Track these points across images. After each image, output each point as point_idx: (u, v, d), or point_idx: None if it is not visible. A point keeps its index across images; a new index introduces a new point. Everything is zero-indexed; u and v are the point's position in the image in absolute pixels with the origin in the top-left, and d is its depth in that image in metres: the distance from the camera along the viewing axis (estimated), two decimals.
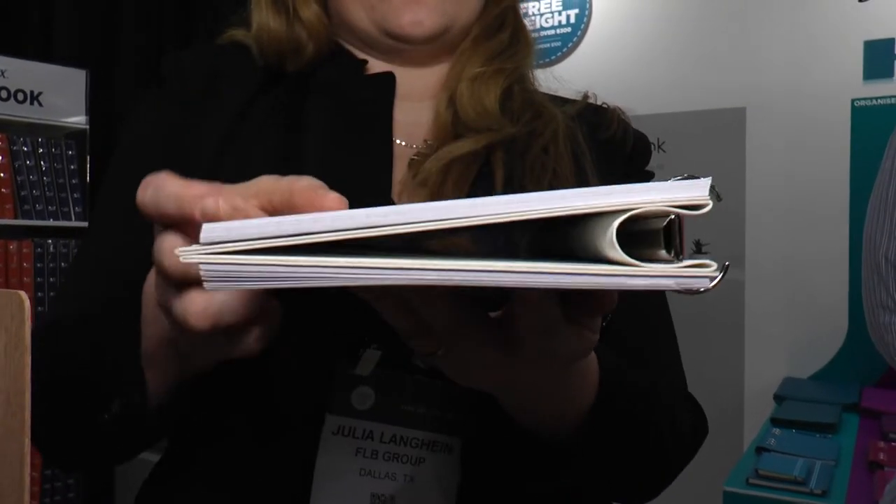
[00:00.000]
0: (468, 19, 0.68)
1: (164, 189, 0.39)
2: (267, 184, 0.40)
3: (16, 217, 1.65)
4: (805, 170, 2.33)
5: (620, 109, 0.71)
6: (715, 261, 0.29)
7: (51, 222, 1.70)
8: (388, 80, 0.67)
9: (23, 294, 0.42)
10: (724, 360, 2.49)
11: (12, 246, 1.64)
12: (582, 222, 0.31)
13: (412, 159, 0.64)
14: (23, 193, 1.66)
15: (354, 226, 0.29)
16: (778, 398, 2.17)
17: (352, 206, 0.62)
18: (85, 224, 1.74)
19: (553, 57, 2.67)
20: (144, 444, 0.59)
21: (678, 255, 0.30)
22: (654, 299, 0.69)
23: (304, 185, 0.39)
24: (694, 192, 0.28)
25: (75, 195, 1.74)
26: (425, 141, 0.66)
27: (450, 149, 0.62)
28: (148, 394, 0.50)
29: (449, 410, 0.56)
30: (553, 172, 0.63)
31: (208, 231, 0.31)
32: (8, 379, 0.43)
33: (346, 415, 0.54)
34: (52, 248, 1.70)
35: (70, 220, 1.74)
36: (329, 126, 0.64)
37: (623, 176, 0.69)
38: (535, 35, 0.74)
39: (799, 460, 1.60)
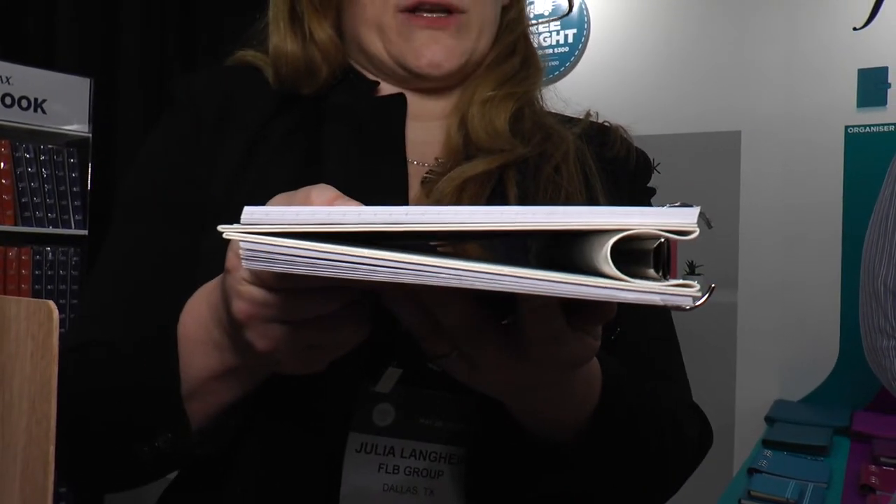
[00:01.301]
0: (483, 52, 0.69)
1: None
2: (280, 202, 0.43)
3: (16, 224, 1.65)
4: (799, 194, 2.35)
5: (622, 128, 0.73)
6: (701, 282, 0.33)
7: (50, 230, 1.70)
8: (400, 101, 0.68)
9: (51, 304, 0.43)
10: (715, 381, 2.50)
11: (11, 253, 1.64)
12: (584, 237, 0.34)
13: (425, 177, 0.65)
14: (23, 200, 1.66)
15: (379, 220, 0.33)
16: (769, 420, 2.18)
17: None
18: (85, 232, 1.74)
19: (551, 76, 2.69)
20: (179, 467, 0.60)
21: (665, 275, 0.33)
22: (664, 315, 0.71)
23: (321, 201, 0.41)
24: (683, 218, 0.32)
25: (76, 203, 1.74)
26: (436, 159, 0.67)
27: (463, 169, 0.63)
28: (190, 426, 0.51)
29: (465, 423, 0.57)
30: (565, 192, 0.64)
31: (249, 213, 0.35)
32: (34, 386, 0.43)
33: (368, 432, 0.55)
34: (51, 256, 1.69)
35: (70, 227, 1.74)
36: (345, 151, 0.65)
37: (628, 193, 0.70)
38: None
39: (791, 482, 1.60)
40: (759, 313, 2.45)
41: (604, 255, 0.32)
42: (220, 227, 0.34)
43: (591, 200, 0.65)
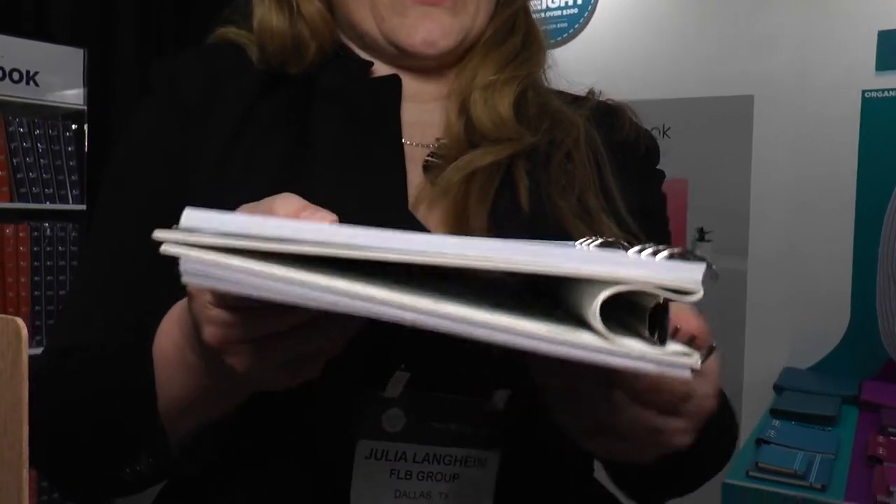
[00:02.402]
0: (480, 28, 0.66)
1: None
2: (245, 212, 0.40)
3: (12, 200, 1.63)
4: (812, 160, 2.31)
5: (629, 108, 0.71)
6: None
7: (48, 205, 1.68)
8: (394, 82, 0.65)
9: (20, 321, 0.40)
10: (723, 349, 2.47)
11: (9, 230, 1.62)
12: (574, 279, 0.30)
13: (427, 160, 0.63)
14: (19, 176, 1.64)
15: (337, 242, 0.28)
16: (777, 388, 2.17)
17: (367, 217, 0.61)
18: (83, 207, 1.72)
19: (559, 38, 2.63)
20: (166, 479, 0.59)
21: (662, 340, 0.29)
22: None
23: (285, 214, 0.37)
24: (686, 275, 0.28)
25: (73, 178, 1.72)
26: (437, 140, 0.64)
27: (470, 158, 0.60)
28: (172, 446, 0.50)
29: (482, 426, 0.55)
30: (578, 183, 0.62)
31: (188, 217, 0.30)
32: (5, 408, 0.41)
33: (378, 438, 0.53)
34: (48, 232, 1.67)
35: (68, 203, 1.72)
36: (336, 133, 0.62)
37: (638, 179, 0.68)
38: (540, 16, 0.71)
39: (799, 453, 1.60)
40: (768, 281, 2.43)
41: (593, 311, 0.28)
42: (156, 234, 0.30)
43: (604, 191, 0.63)
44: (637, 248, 0.35)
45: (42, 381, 0.58)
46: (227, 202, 0.57)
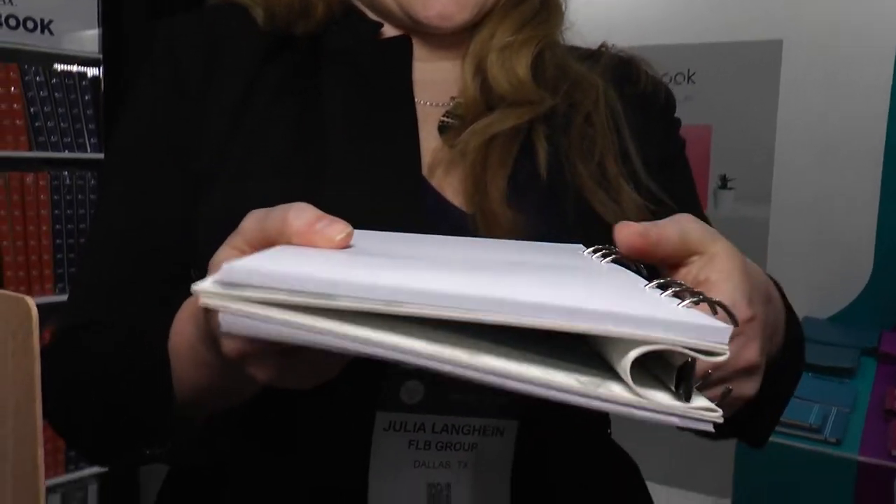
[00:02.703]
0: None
1: None
2: (253, 230, 0.39)
3: (31, 149, 1.63)
4: (841, 108, 2.25)
5: (643, 59, 0.70)
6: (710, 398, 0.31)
7: (66, 154, 1.68)
8: (404, 43, 0.63)
9: (30, 301, 0.41)
10: None
11: (28, 178, 1.63)
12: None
13: (442, 121, 0.62)
14: (37, 125, 1.64)
15: (375, 303, 0.29)
16: None
17: (379, 183, 0.60)
18: (101, 156, 1.72)
19: None
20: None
21: (688, 392, 0.31)
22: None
23: (300, 225, 0.37)
24: (713, 338, 0.30)
25: (90, 126, 1.71)
26: (452, 98, 0.63)
27: (490, 122, 0.59)
28: (185, 435, 0.51)
29: (500, 395, 0.55)
30: (599, 147, 0.61)
31: (228, 272, 0.30)
32: (18, 386, 0.41)
33: (397, 410, 0.53)
34: (68, 181, 1.68)
35: (86, 151, 1.72)
36: (345, 97, 0.61)
37: (659, 130, 0.68)
38: None
39: (815, 406, 1.60)
40: (791, 229, 2.40)
41: (622, 368, 0.30)
42: (194, 287, 0.30)
43: (623, 153, 0.62)
44: (656, 283, 0.37)
45: (56, 356, 0.59)
46: (237, 179, 0.57)
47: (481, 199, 0.57)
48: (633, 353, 0.30)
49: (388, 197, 0.57)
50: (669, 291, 0.36)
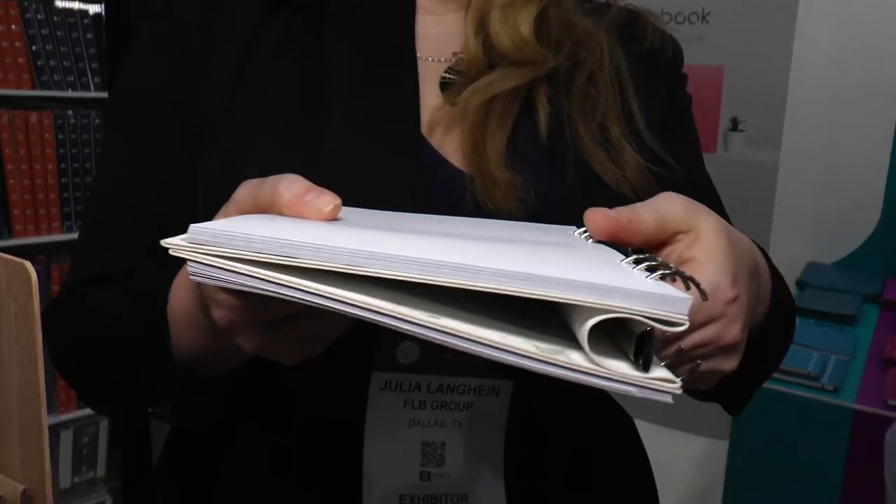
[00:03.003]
0: None
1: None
2: (246, 200, 0.40)
3: (33, 87, 1.62)
4: (860, 49, 2.20)
5: (650, 13, 0.69)
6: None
7: (70, 93, 1.67)
8: None
9: (29, 266, 0.41)
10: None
11: (33, 117, 1.62)
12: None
13: (444, 78, 0.61)
14: (39, 63, 1.62)
15: (336, 263, 0.30)
16: (800, 284, 2.17)
17: (378, 140, 0.60)
18: (104, 95, 1.71)
19: None
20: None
21: (646, 367, 0.31)
22: (712, 202, 0.68)
23: (290, 196, 0.38)
24: (674, 308, 0.30)
25: (93, 65, 1.69)
26: (454, 54, 0.62)
27: (491, 81, 0.58)
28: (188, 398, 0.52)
29: None
30: (601, 108, 0.61)
31: (195, 232, 0.32)
32: (20, 348, 0.43)
33: (392, 370, 0.54)
34: (72, 120, 1.67)
35: (89, 90, 1.70)
36: (349, 51, 0.60)
37: (665, 86, 0.67)
38: None
39: (814, 354, 1.61)
40: (800, 174, 2.38)
41: (581, 335, 0.30)
42: (163, 242, 0.32)
43: (626, 112, 0.62)
44: (632, 258, 0.37)
45: (62, 312, 0.60)
46: (238, 136, 0.57)
47: (479, 159, 0.57)
48: (592, 321, 0.30)
49: (387, 154, 0.57)
50: (643, 265, 0.37)
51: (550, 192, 0.57)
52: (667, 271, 0.35)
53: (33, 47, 1.60)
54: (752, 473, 1.56)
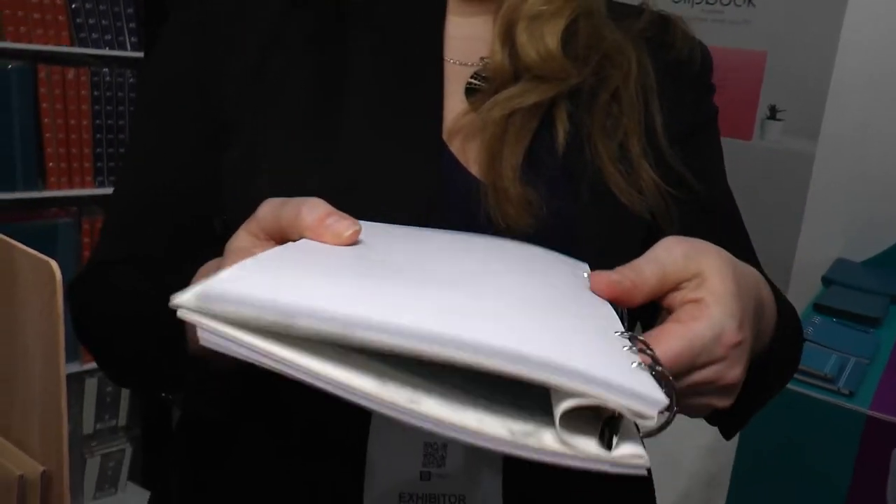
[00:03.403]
0: None
1: None
2: (268, 220, 0.42)
3: (72, 44, 1.64)
4: None
5: (680, 19, 0.68)
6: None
7: (107, 51, 1.68)
8: None
9: (54, 264, 0.43)
10: (777, 232, 2.43)
11: (70, 74, 1.64)
12: None
13: (469, 83, 0.61)
14: (78, 21, 1.63)
15: (337, 333, 0.31)
16: (826, 281, 2.14)
17: (397, 145, 0.60)
18: (140, 55, 1.72)
19: None
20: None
21: (609, 446, 0.32)
22: (729, 219, 0.70)
23: (311, 220, 0.40)
24: (645, 407, 0.31)
25: (130, 25, 1.70)
26: (481, 59, 0.62)
27: (511, 94, 0.58)
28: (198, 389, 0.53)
29: None
30: (623, 128, 0.61)
31: (209, 287, 0.33)
32: (45, 340, 0.44)
33: None
34: (108, 78, 1.69)
35: (126, 49, 1.72)
36: (373, 49, 0.60)
37: (691, 96, 0.67)
38: None
39: (833, 355, 1.60)
40: (836, 166, 2.33)
41: (556, 414, 0.31)
42: (172, 302, 0.33)
43: (648, 128, 0.62)
44: (628, 336, 0.38)
45: (85, 288, 0.62)
46: (257, 131, 0.58)
47: (494, 174, 0.57)
48: (565, 405, 0.31)
49: (405, 159, 0.57)
50: (631, 348, 0.37)
51: (564, 209, 0.57)
52: (657, 368, 0.36)
53: (73, 5, 1.62)
54: (760, 467, 1.57)
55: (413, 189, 0.56)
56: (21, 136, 1.61)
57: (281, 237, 0.42)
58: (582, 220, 0.56)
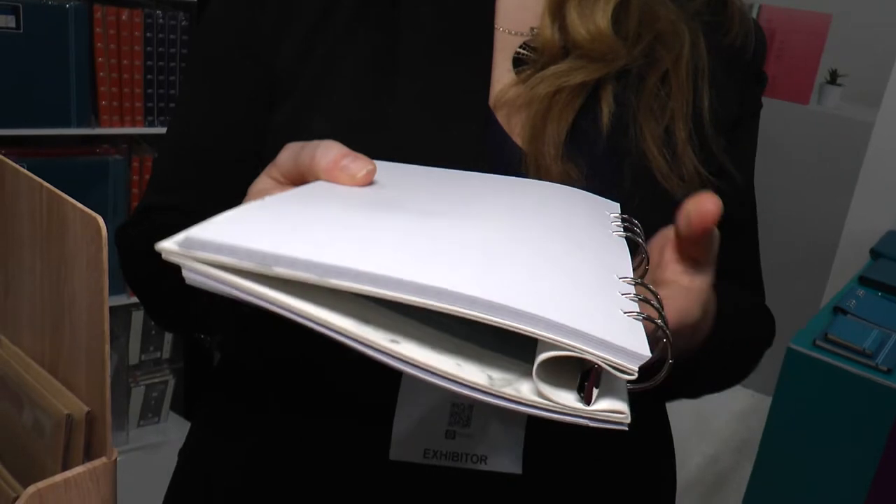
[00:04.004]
0: None
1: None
2: (287, 164, 0.43)
3: None
4: None
5: (740, 1, 0.67)
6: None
7: None
8: None
9: (100, 220, 0.45)
10: (829, 201, 2.37)
11: (124, 15, 1.66)
12: None
13: (518, 52, 0.61)
14: None
15: (318, 276, 0.31)
16: (874, 254, 2.09)
17: (445, 111, 0.60)
18: None
19: None
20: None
21: (587, 400, 0.32)
22: (752, 218, 0.71)
23: (326, 162, 0.40)
24: (627, 361, 0.31)
25: None
26: (532, 29, 0.62)
27: (559, 71, 0.58)
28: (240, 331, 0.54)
29: None
30: (669, 111, 0.60)
31: (197, 232, 0.33)
32: (90, 293, 0.47)
33: None
34: (161, 20, 1.71)
35: None
36: (425, 16, 0.60)
37: (740, 84, 0.66)
38: None
39: (874, 330, 1.58)
40: (893, 137, 2.26)
41: (535, 364, 0.31)
42: (157, 246, 0.33)
43: (696, 115, 0.61)
44: (630, 282, 0.38)
45: (131, 231, 0.64)
46: (309, 95, 0.58)
47: (537, 151, 0.57)
48: (544, 356, 0.31)
49: (453, 125, 0.58)
50: (631, 294, 0.37)
51: (604, 189, 0.57)
52: (644, 315, 0.35)
53: None
54: (790, 437, 1.56)
55: (458, 155, 0.56)
56: (77, 74, 1.65)
57: (300, 180, 0.43)
58: (621, 202, 0.57)
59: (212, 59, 0.64)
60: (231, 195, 0.61)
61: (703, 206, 0.42)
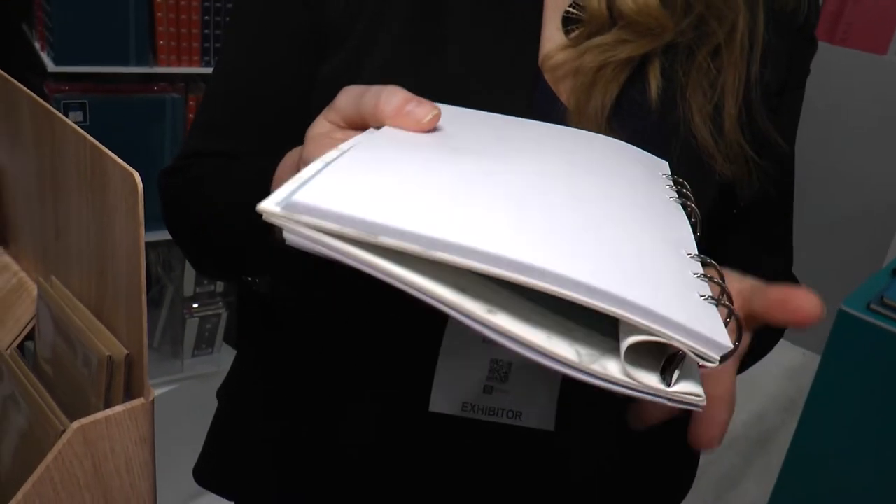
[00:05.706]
0: None
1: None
2: (348, 109, 0.42)
3: None
4: None
5: None
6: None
7: None
8: None
9: (136, 176, 0.46)
10: (890, 152, 2.27)
11: None
12: None
13: (567, 12, 0.60)
14: None
15: (424, 248, 0.32)
16: None
17: (493, 68, 0.60)
18: None
19: None
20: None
21: (668, 382, 0.33)
22: (789, 187, 0.69)
23: (391, 109, 0.40)
24: (711, 349, 0.32)
25: None
26: None
27: (604, 43, 0.58)
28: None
29: None
30: (719, 89, 0.60)
31: (302, 196, 0.33)
32: (128, 244, 0.49)
33: None
34: None
35: None
36: None
37: (788, 52, 0.64)
38: None
39: None
40: None
41: (622, 346, 0.33)
42: (259, 207, 0.33)
43: (746, 89, 0.60)
44: (699, 260, 0.39)
45: (175, 178, 0.65)
46: (357, 50, 0.59)
47: (582, 115, 0.57)
48: (631, 339, 0.33)
49: (501, 83, 0.58)
50: (701, 275, 0.38)
51: None
52: (717, 301, 0.36)
53: None
54: (836, 400, 1.54)
55: (506, 111, 0.57)
56: (135, 13, 1.67)
57: (361, 125, 0.42)
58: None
59: (263, 8, 0.64)
60: (279, 142, 0.62)
61: (804, 312, 0.41)
